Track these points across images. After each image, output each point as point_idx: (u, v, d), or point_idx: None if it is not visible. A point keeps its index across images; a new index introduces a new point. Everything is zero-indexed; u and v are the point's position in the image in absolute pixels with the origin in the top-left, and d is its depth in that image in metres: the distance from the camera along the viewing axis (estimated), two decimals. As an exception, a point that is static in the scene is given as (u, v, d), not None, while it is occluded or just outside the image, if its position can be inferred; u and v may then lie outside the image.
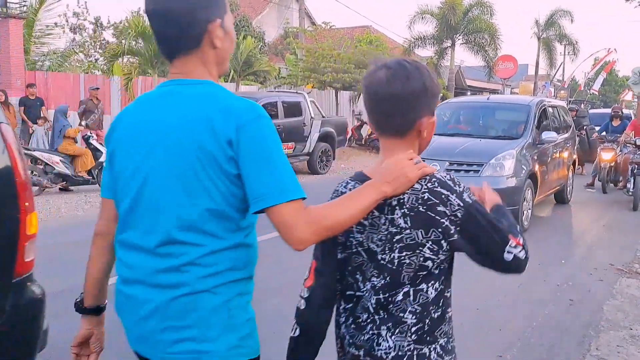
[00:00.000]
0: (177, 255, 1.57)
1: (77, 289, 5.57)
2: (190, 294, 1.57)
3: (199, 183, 1.53)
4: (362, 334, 1.69)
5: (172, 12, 1.59)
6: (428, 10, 28.25)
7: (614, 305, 5.33)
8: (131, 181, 1.63)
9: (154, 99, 1.68)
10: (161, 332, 1.61)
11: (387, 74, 1.64)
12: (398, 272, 1.61)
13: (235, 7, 27.50)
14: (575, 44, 36.95)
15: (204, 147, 1.51)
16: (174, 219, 1.56)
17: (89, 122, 12.68)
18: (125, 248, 1.69)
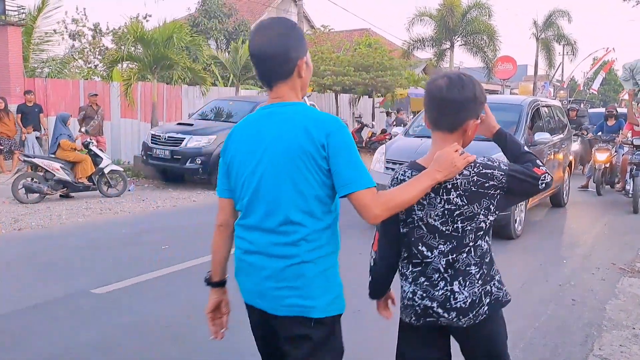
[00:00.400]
0: (291, 233, 2.11)
1: (83, 292, 5.59)
2: (299, 264, 2.11)
3: (303, 176, 2.07)
4: (435, 290, 2.21)
5: (273, 53, 2.14)
6: (426, 12, 28.26)
7: (617, 305, 5.32)
8: (250, 180, 2.17)
9: (260, 118, 2.24)
10: (277, 290, 2.15)
11: (447, 83, 2.21)
12: (462, 237, 2.19)
13: (234, 12, 27.50)
14: (574, 44, 36.97)
15: (305, 149, 2.06)
16: (289, 204, 2.09)
17: (88, 129, 12.67)
18: (247, 229, 2.23)
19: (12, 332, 4.60)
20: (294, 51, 2.16)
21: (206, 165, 11.78)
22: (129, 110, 15.72)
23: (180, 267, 6.32)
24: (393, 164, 7.92)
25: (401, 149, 8.27)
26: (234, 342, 4.45)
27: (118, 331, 4.61)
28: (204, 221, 8.85)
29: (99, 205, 10.11)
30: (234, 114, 13.22)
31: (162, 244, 7.33)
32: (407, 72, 22.92)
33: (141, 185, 12.60)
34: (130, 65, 17.64)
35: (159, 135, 12.30)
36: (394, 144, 8.77)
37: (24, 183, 10.11)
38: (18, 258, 6.81)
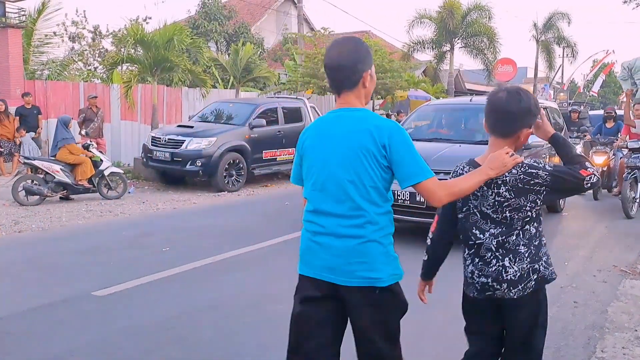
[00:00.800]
0: (357, 217, 2.52)
1: (84, 294, 5.58)
2: (365, 242, 2.53)
3: (365, 170, 2.50)
4: (489, 267, 2.65)
5: (343, 65, 2.59)
6: (426, 14, 28.28)
7: (619, 307, 5.30)
8: (320, 172, 2.60)
9: (330, 119, 2.67)
10: (347, 265, 2.54)
11: (506, 96, 2.63)
12: (511, 224, 2.62)
13: (234, 14, 27.52)
14: (574, 46, 36.98)
15: (367, 148, 2.49)
16: (354, 193, 2.51)
17: (88, 131, 12.67)
18: (317, 214, 2.63)
19: (13, 334, 4.58)
20: (360, 65, 2.60)
21: (206, 167, 11.78)
22: (129, 112, 15.72)
23: (181, 269, 6.31)
24: None
25: None
26: (236, 344, 4.45)
27: (119, 333, 4.60)
28: (204, 223, 8.87)
29: (99, 207, 10.10)
30: (234, 116, 13.22)
31: (163, 246, 7.32)
32: (407, 74, 22.93)
33: (141, 188, 12.59)
34: (130, 68, 17.64)
35: (159, 137, 12.30)
36: None
37: (24, 185, 10.10)
38: (18, 260, 6.79)
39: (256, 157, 12.86)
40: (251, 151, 12.65)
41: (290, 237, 7.83)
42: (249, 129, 12.70)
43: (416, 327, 4.26)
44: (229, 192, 12.03)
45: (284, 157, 13.64)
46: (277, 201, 11.18)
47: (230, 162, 12.19)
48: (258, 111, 13.13)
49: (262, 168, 13.23)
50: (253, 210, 10.16)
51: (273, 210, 10.11)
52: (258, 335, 4.62)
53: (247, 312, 5.12)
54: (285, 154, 13.64)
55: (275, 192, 12.64)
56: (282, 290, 5.70)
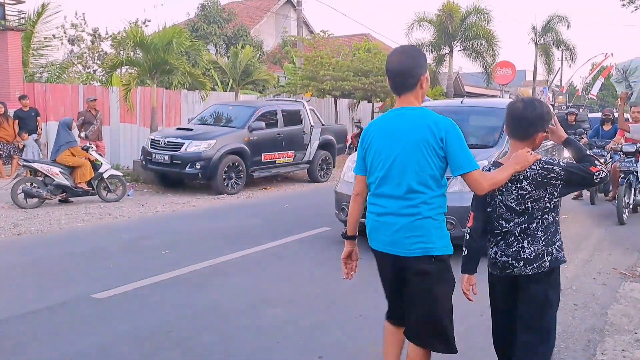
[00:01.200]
0: (415, 198, 3.00)
1: (83, 297, 5.55)
2: (422, 219, 2.99)
3: (424, 159, 2.96)
4: (509, 248, 3.13)
5: (403, 71, 3.06)
6: (426, 17, 28.30)
7: (619, 309, 5.30)
8: (385, 160, 3.05)
9: (394, 117, 3.11)
10: (406, 239, 3.01)
11: (523, 105, 3.15)
12: (532, 213, 3.10)
13: (233, 17, 27.54)
14: (573, 49, 37.03)
15: (427, 141, 2.95)
16: (413, 178, 2.98)
17: (88, 134, 12.67)
18: (380, 197, 3.11)
19: (12, 337, 4.57)
20: (418, 69, 3.06)
21: (206, 170, 11.78)
22: (128, 115, 15.72)
23: (181, 272, 6.30)
24: None
25: None
26: (235, 347, 4.44)
27: (118, 337, 4.59)
28: (204, 226, 8.87)
29: (98, 210, 10.09)
30: (234, 119, 13.22)
31: (162, 248, 7.32)
32: (406, 77, 22.92)
33: (140, 190, 12.59)
34: (129, 70, 17.64)
35: (159, 140, 12.30)
36: None
37: (23, 188, 10.09)
38: (17, 263, 6.79)
39: (255, 159, 12.86)
40: (250, 154, 12.65)
41: (289, 240, 7.84)
42: (248, 131, 12.69)
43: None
44: (228, 195, 12.03)
45: (283, 160, 13.64)
46: (276, 204, 11.18)
47: (229, 165, 12.18)
48: (257, 114, 13.13)
49: (262, 171, 13.22)
50: (252, 213, 10.15)
51: (272, 213, 10.10)
52: (257, 338, 4.61)
53: (246, 315, 5.12)
54: (285, 156, 13.65)
55: (274, 195, 12.64)
56: (281, 294, 5.72)
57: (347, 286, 5.85)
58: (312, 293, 5.77)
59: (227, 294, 5.72)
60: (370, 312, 5.16)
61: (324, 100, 22.05)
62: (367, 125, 3.33)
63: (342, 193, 7.70)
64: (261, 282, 6.14)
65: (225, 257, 6.94)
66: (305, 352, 4.38)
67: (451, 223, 6.40)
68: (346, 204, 7.09)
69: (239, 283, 6.06)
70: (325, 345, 4.49)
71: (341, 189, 7.80)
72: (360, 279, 6.01)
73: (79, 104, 14.66)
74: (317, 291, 5.81)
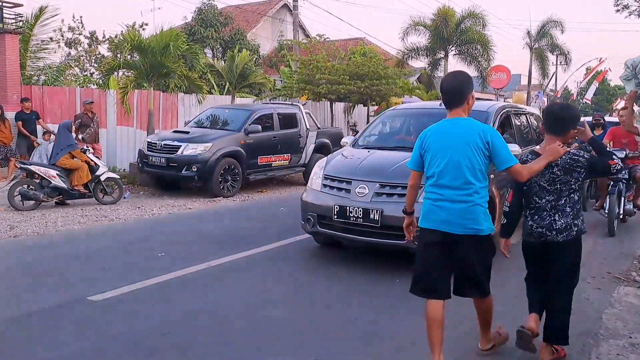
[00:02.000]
0: (468, 189, 3.86)
1: (79, 299, 5.55)
2: (474, 205, 3.86)
3: (474, 157, 3.83)
4: (543, 221, 4.13)
5: (456, 90, 4.03)
6: (421, 22, 28.37)
7: (613, 314, 5.34)
8: (442, 158, 3.92)
9: (447, 125, 4.01)
10: (460, 220, 3.87)
11: (559, 107, 4.24)
12: (560, 193, 4.10)
13: (230, 21, 27.55)
14: (567, 53, 37.19)
15: (476, 143, 3.83)
16: (466, 172, 3.85)
17: (85, 136, 12.66)
18: (438, 187, 3.95)
19: (7, 339, 4.58)
20: (466, 90, 4.03)
21: (202, 172, 11.79)
22: (125, 118, 15.71)
23: (177, 275, 6.32)
24: (331, 181, 6.84)
25: (341, 165, 7.15)
26: (232, 350, 4.46)
27: (114, 339, 4.60)
28: (200, 229, 8.88)
29: (94, 212, 10.09)
30: (230, 122, 13.23)
31: (159, 251, 7.33)
32: (401, 81, 22.97)
33: (137, 193, 12.59)
34: (126, 74, 17.63)
35: (155, 142, 12.30)
36: (335, 157, 7.47)
37: (20, 190, 10.09)
38: (13, 265, 6.79)
39: (251, 162, 12.86)
40: (246, 157, 12.66)
41: (285, 243, 7.85)
42: (244, 134, 12.71)
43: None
44: (224, 198, 12.04)
45: (279, 163, 13.65)
46: (272, 207, 11.19)
47: (225, 168, 12.19)
48: (254, 117, 13.14)
49: (258, 174, 13.23)
50: (248, 216, 10.17)
51: (268, 216, 10.12)
52: (253, 341, 4.63)
53: (242, 317, 5.13)
54: (281, 159, 13.66)
55: (270, 198, 12.66)
56: (277, 296, 5.74)
57: (343, 289, 5.90)
58: (307, 296, 5.79)
59: (223, 296, 5.73)
60: (365, 315, 5.19)
61: (320, 104, 22.08)
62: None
63: (308, 202, 7.03)
64: (257, 284, 6.16)
65: (221, 259, 6.95)
66: (301, 354, 4.40)
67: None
68: (312, 214, 6.85)
69: (235, 285, 6.08)
70: (321, 348, 4.51)
71: (307, 198, 7.09)
72: (355, 284, 6.05)
73: (76, 106, 14.65)
74: (312, 294, 5.83)
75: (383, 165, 6.79)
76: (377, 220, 6.25)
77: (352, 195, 6.51)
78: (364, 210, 6.32)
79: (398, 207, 5.79)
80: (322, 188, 6.92)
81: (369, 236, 6.41)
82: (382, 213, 6.23)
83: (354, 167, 6.92)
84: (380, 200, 6.34)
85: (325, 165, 7.21)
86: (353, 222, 6.42)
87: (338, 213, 6.51)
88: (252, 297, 5.69)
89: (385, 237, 6.30)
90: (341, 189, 6.68)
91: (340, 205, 6.51)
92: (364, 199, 6.40)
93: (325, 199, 6.77)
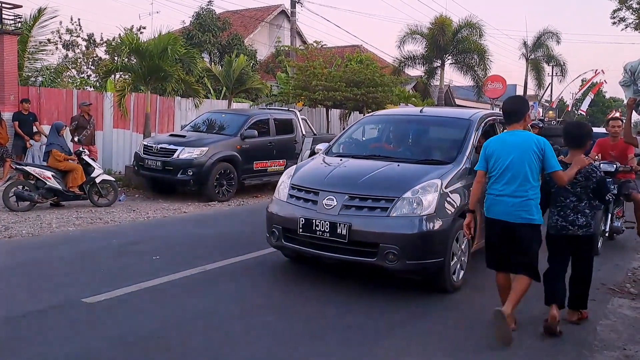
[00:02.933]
0: (524, 186, 4.83)
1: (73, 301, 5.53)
2: (527, 200, 4.83)
3: (532, 162, 4.83)
4: (567, 217, 5.19)
5: (515, 110, 5.15)
6: (418, 30, 28.52)
7: (607, 325, 5.35)
8: (503, 162, 4.89)
9: (508, 136, 5.02)
10: (516, 212, 4.83)
11: (575, 125, 5.69)
12: (581, 195, 5.21)
13: (228, 26, 27.59)
14: (563, 65, 37.40)
15: (533, 150, 4.85)
16: (524, 173, 4.83)
17: (81, 138, 12.63)
18: (500, 184, 4.89)
19: (0, 340, 4.55)
20: (524, 109, 5.15)
21: (197, 176, 11.78)
22: (122, 120, 15.69)
23: (172, 278, 6.30)
24: (298, 191, 6.39)
25: (310, 174, 6.69)
26: (225, 354, 4.45)
27: (109, 341, 4.59)
28: (194, 232, 8.87)
29: (89, 214, 10.07)
30: (226, 127, 13.23)
31: (153, 254, 7.31)
32: (397, 88, 23.04)
33: (132, 196, 12.57)
34: (123, 76, 17.62)
35: (151, 146, 12.28)
36: (305, 166, 7.07)
37: (15, 191, 10.06)
38: (8, 266, 6.76)
39: (247, 167, 12.87)
40: (242, 161, 12.67)
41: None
42: (240, 139, 12.72)
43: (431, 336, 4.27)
44: (219, 202, 12.04)
45: (275, 168, 13.64)
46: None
47: (221, 172, 12.20)
48: (250, 122, 13.15)
49: (253, 178, 13.23)
50: (243, 221, 10.16)
51: (263, 221, 9.97)
52: (246, 345, 4.62)
53: (237, 322, 5.13)
54: (276, 165, 13.65)
55: (265, 203, 12.45)
56: (271, 301, 5.73)
57: (337, 296, 5.89)
58: (302, 301, 5.78)
59: (218, 300, 5.72)
60: (359, 322, 5.19)
61: (316, 110, 22.11)
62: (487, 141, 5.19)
63: (273, 213, 6.57)
64: (251, 289, 6.15)
65: (215, 264, 6.94)
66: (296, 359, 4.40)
67: (393, 254, 5.61)
68: (277, 227, 6.35)
69: (229, 290, 6.07)
70: (315, 354, 4.51)
71: (273, 209, 6.62)
72: (349, 292, 6.04)
73: (73, 108, 14.63)
74: (307, 300, 5.82)
75: (354, 176, 6.33)
76: (345, 235, 5.74)
77: (319, 207, 6.01)
78: (331, 224, 5.82)
79: (367, 221, 5.81)
80: (288, 199, 6.45)
81: (335, 252, 5.90)
82: (350, 227, 5.72)
83: (323, 176, 6.45)
84: (348, 214, 5.85)
85: (294, 174, 6.76)
86: (319, 236, 5.90)
87: (304, 226, 5.99)
88: (246, 302, 5.69)
89: (353, 254, 5.83)
90: (308, 200, 6.21)
91: (306, 217, 6.00)
92: (332, 211, 5.90)
93: (291, 210, 6.29)
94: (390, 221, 5.76)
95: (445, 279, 5.98)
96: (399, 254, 5.58)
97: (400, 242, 5.63)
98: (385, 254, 5.63)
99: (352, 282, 6.37)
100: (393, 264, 5.64)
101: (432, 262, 5.77)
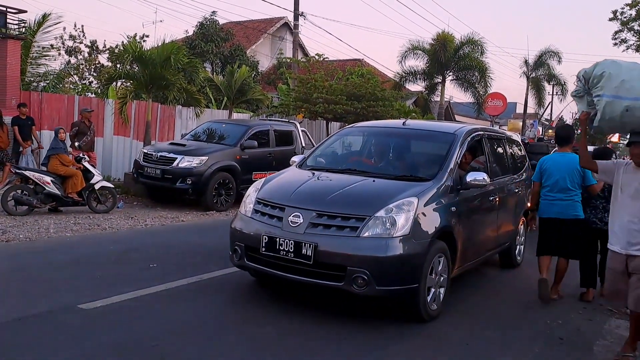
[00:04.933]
0: (570, 192, 6.74)
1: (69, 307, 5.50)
2: (573, 202, 6.76)
3: (574, 175, 6.72)
4: (598, 215, 6.89)
5: (568, 136, 7.13)
6: (420, 46, 28.65)
7: (604, 346, 5.35)
8: (554, 175, 6.79)
9: (559, 155, 6.97)
10: (566, 210, 6.76)
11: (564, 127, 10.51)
12: (607, 198, 5.93)
13: (231, 37, 27.72)
14: (564, 84, 37.53)
15: (576, 168, 6.59)
16: (568, 183, 6.72)
17: (81, 144, 12.63)
18: (553, 192, 6.81)
19: (-3, 345, 4.54)
20: (573, 136, 7.20)
21: (196, 185, 11.78)
22: (122, 128, 15.72)
23: (168, 286, 6.28)
24: (264, 206, 5.88)
25: (277, 188, 6.18)
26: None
27: (103, 348, 4.57)
28: (192, 241, 8.85)
29: (87, 220, 10.06)
30: (226, 136, 13.25)
31: (150, 262, 7.30)
32: (398, 103, 23.12)
33: (130, 203, 12.56)
34: (125, 84, 17.66)
35: (151, 154, 12.29)
36: (274, 179, 6.53)
37: (14, 195, 10.06)
38: (4, 270, 6.74)
39: (246, 177, 12.85)
40: (241, 171, 12.68)
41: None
42: (240, 149, 12.74)
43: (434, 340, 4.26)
44: (217, 212, 12.03)
45: (274, 180, 13.61)
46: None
47: (220, 182, 12.21)
48: (250, 132, 13.18)
49: (252, 189, 13.20)
50: (241, 231, 10.13)
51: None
52: (242, 355, 4.61)
53: (232, 331, 5.11)
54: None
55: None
56: (267, 312, 5.71)
57: (333, 308, 5.87)
58: (299, 312, 5.76)
59: (214, 309, 5.71)
60: (354, 334, 5.17)
61: (316, 123, 22.16)
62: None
63: (237, 229, 6.05)
64: (248, 299, 6.13)
65: (212, 273, 6.93)
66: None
67: (362, 278, 5.09)
68: (240, 245, 5.86)
69: (225, 300, 6.05)
70: (312, 367, 4.49)
71: (236, 224, 6.11)
72: (346, 304, 6.02)
73: (74, 114, 14.64)
74: (304, 311, 5.80)
75: (323, 191, 5.83)
76: (310, 257, 5.23)
77: (284, 225, 5.49)
78: (296, 243, 5.30)
79: (335, 241, 5.26)
80: (252, 214, 5.93)
81: (299, 274, 5.39)
82: (316, 248, 5.21)
83: (290, 191, 5.90)
84: (315, 232, 5.33)
85: (261, 187, 6.23)
86: (283, 256, 5.39)
87: (267, 245, 5.48)
88: (241, 312, 5.67)
89: (319, 277, 5.31)
90: (273, 216, 5.69)
91: (269, 235, 5.49)
92: (297, 229, 5.38)
93: (254, 227, 5.77)
94: (360, 242, 5.20)
95: (419, 307, 5.43)
96: (368, 278, 5.06)
97: (371, 266, 5.11)
98: (353, 278, 5.09)
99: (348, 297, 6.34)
100: (362, 290, 5.11)
101: (405, 288, 5.25)
